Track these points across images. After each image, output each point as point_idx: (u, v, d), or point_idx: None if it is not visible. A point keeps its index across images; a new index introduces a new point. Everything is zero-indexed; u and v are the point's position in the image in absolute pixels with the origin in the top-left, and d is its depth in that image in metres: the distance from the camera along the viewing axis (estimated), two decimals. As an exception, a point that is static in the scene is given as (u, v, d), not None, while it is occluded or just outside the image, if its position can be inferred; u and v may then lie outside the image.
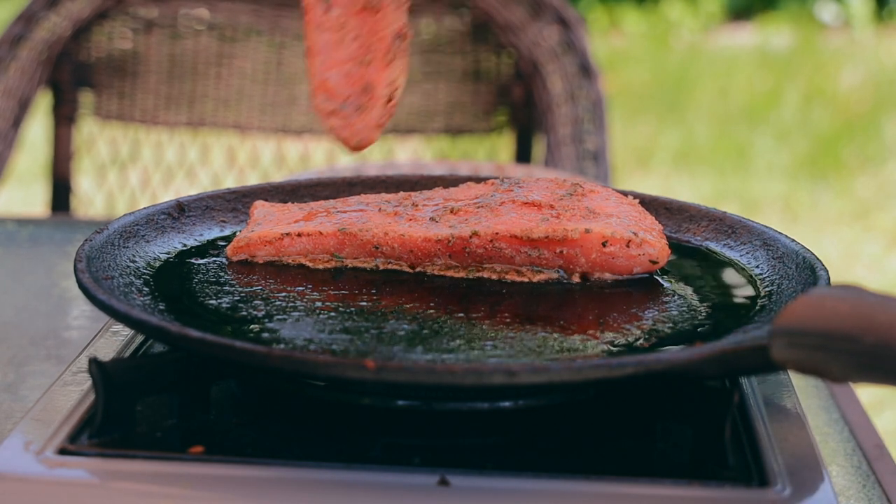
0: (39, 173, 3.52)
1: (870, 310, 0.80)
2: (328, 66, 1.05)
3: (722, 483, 0.84)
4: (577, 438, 0.91)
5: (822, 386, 1.25)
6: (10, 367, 1.23)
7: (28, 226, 1.72)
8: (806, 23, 7.02)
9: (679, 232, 1.19)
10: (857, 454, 1.13)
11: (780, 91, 5.94)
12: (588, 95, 2.23)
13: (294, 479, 0.83)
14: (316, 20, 1.05)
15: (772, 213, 4.60)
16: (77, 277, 0.98)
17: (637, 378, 0.86)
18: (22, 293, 1.45)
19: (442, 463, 0.85)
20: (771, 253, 1.11)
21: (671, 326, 0.99)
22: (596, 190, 1.15)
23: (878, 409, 3.11)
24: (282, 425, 0.92)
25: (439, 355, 0.91)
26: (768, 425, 0.91)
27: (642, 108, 5.71)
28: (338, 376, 0.86)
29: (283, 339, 0.95)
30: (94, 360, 0.88)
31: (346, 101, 1.05)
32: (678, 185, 4.87)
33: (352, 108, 1.05)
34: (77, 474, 0.84)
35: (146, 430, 0.90)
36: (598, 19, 7.03)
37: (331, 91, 1.05)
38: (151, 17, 2.31)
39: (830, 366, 0.81)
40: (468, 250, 1.07)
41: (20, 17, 2.26)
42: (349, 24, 1.04)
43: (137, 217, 1.12)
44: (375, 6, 1.04)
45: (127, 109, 2.33)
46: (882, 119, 5.55)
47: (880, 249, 4.34)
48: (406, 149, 2.54)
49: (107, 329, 1.04)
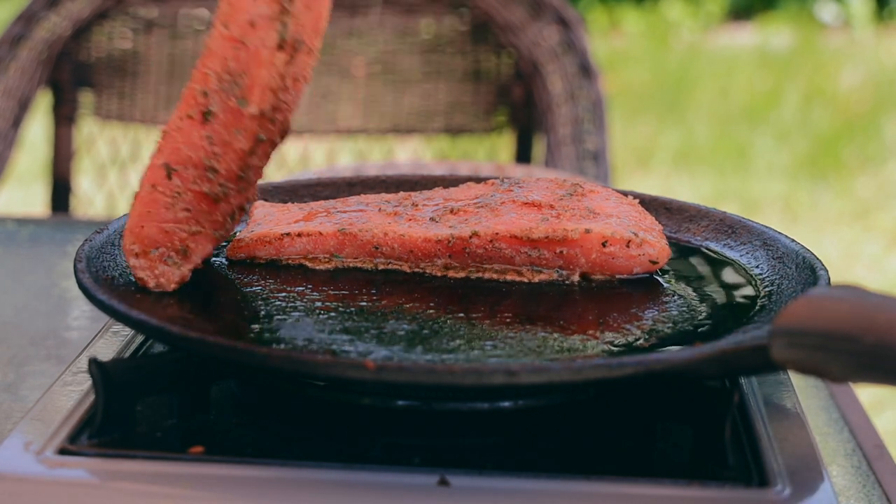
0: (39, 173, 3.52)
1: (870, 310, 0.80)
2: (149, 220, 1.00)
3: (722, 483, 0.84)
4: (577, 438, 0.91)
5: (822, 386, 1.25)
6: (10, 367, 1.23)
7: (28, 226, 1.72)
8: (806, 23, 7.02)
9: (679, 232, 1.19)
10: (857, 454, 1.13)
11: (780, 91, 5.94)
12: (588, 95, 2.23)
13: (294, 479, 0.83)
14: (153, 178, 0.99)
15: (772, 213, 4.60)
16: (77, 277, 0.98)
17: (637, 378, 0.86)
18: (22, 293, 1.45)
19: (442, 463, 0.85)
20: (771, 253, 1.11)
21: (671, 326, 0.99)
22: (596, 190, 1.15)
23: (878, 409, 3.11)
24: (282, 425, 0.92)
25: (439, 355, 0.91)
26: (768, 425, 0.91)
27: (642, 108, 5.72)
28: (338, 376, 0.86)
29: (283, 339, 0.95)
30: (94, 360, 0.88)
31: (156, 249, 1.01)
32: (678, 185, 4.87)
33: (160, 257, 1.01)
34: (77, 474, 0.84)
35: (146, 430, 0.90)
36: (598, 19, 7.03)
37: (144, 241, 1.00)
38: (151, 17, 2.31)
39: (830, 366, 0.81)
40: (468, 250, 1.07)
41: (20, 17, 2.26)
42: (185, 197, 1.00)
43: (137, 217, 1.12)
44: (218, 197, 1.00)
45: (127, 109, 2.33)
46: (882, 119, 5.55)
47: (880, 249, 4.34)
48: (406, 149, 2.54)
49: (107, 329, 1.04)
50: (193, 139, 0.98)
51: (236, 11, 0.97)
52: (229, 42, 0.97)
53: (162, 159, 0.99)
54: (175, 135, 0.99)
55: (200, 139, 0.98)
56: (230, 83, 0.97)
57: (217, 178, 0.99)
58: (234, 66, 0.97)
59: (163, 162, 0.99)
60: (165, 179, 0.99)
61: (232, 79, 0.97)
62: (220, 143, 0.99)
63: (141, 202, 1.00)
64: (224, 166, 0.99)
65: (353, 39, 2.31)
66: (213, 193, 1.00)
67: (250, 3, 0.96)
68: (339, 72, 2.33)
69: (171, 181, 0.99)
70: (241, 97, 0.97)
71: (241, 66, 0.97)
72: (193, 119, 0.98)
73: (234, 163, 0.99)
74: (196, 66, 0.99)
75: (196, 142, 0.98)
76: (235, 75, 0.97)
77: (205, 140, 0.98)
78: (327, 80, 2.33)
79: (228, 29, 0.97)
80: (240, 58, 0.97)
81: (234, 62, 0.97)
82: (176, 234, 1.00)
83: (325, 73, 2.33)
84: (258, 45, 0.96)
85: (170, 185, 0.99)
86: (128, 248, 1.01)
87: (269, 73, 0.97)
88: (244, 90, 0.97)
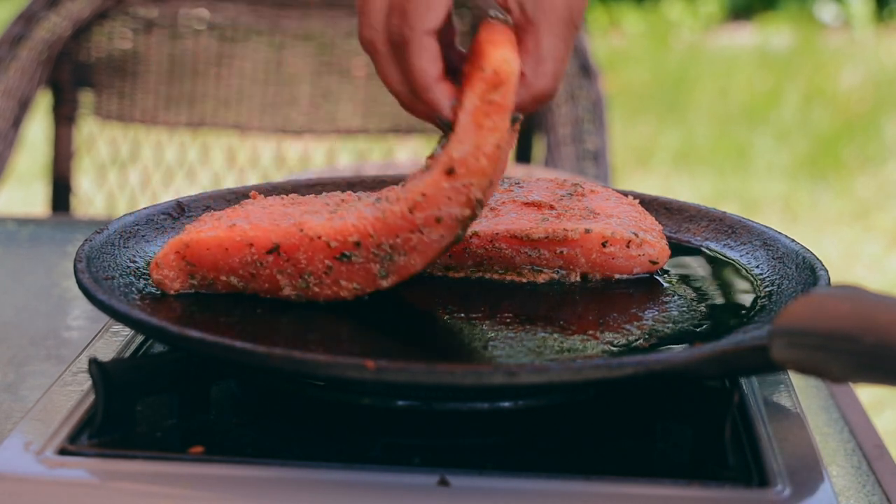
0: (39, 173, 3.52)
1: (870, 310, 0.80)
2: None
3: (722, 483, 0.84)
4: (577, 438, 0.91)
5: (822, 386, 1.25)
6: (10, 367, 1.23)
7: (28, 226, 1.72)
8: (806, 23, 7.02)
9: (679, 232, 1.19)
10: (857, 454, 1.13)
11: (780, 91, 5.94)
12: (588, 95, 2.23)
13: (294, 479, 0.83)
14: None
15: (772, 213, 4.60)
16: (77, 277, 0.98)
17: (637, 378, 0.86)
18: (22, 293, 1.45)
19: (442, 463, 0.85)
20: (771, 253, 1.11)
21: (671, 326, 0.99)
22: (596, 190, 1.15)
23: (878, 409, 3.11)
24: (282, 425, 0.92)
25: (439, 355, 0.91)
26: (768, 425, 0.91)
27: (642, 108, 5.71)
28: (338, 376, 0.86)
29: (282, 338, 0.95)
30: (94, 360, 0.88)
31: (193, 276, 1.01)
32: (678, 185, 4.87)
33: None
34: (77, 474, 0.84)
35: (146, 430, 0.90)
36: (598, 19, 7.03)
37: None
38: (151, 17, 2.31)
39: (830, 366, 0.81)
40: (468, 250, 1.07)
41: (20, 17, 2.26)
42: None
43: (137, 217, 1.12)
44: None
45: (127, 109, 2.33)
46: (882, 119, 5.55)
47: (880, 249, 4.34)
48: (406, 149, 2.54)
49: (107, 329, 1.04)
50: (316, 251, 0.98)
51: (429, 203, 0.96)
52: (407, 224, 0.96)
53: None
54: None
55: (322, 259, 0.98)
56: (386, 255, 0.97)
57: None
58: (400, 245, 0.97)
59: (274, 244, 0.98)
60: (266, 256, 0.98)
61: (390, 254, 0.97)
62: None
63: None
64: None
65: (353, 39, 2.31)
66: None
67: (444, 201, 0.95)
68: (340, 72, 2.33)
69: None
70: (387, 271, 0.98)
71: (407, 249, 0.97)
72: (332, 250, 0.98)
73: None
74: (361, 216, 0.98)
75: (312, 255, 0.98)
76: (396, 251, 0.97)
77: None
78: (327, 80, 2.33)
79: (413, 214, 0.96)
80: (411, 242, 0.97)
81: (403, 243, 0.97)
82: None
83: (325, 73, 2.33)
84: (435, 240, 0.97)
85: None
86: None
87: (425, 262, 0.98)
88: (394, 265, 0.98)
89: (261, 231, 0.99)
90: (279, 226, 0.99)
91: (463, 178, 0.94)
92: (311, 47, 2.33)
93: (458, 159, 0.94)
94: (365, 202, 1.00)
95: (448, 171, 0.94)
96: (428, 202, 0.95)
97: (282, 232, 0.99)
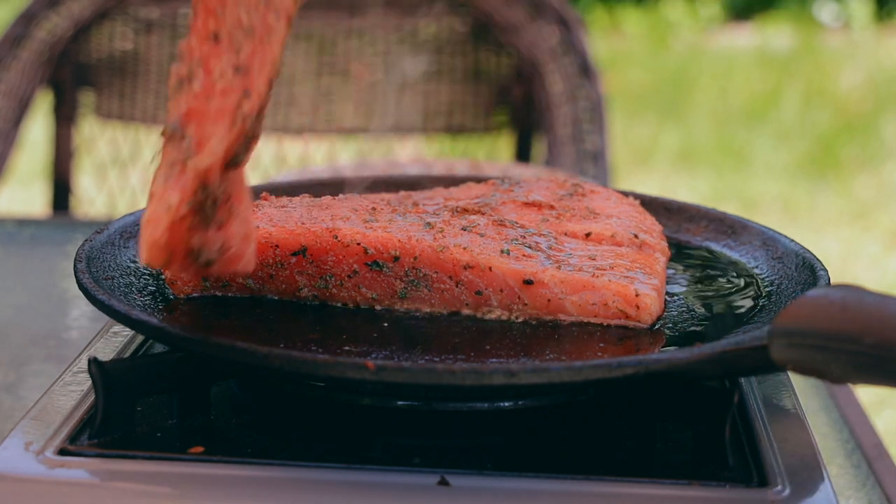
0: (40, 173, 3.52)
1: (870, 310, 0.80)
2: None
3: (722, 483, 0.84)
4: (577, 438, 0.91)
5: (822, 386, 1.25)
6: (10, 367, 1.23)
7: (28, 226, 1.72)
8: (806, 23, 7.02)
9: (679, 232, 1.19)
10: (856, 454, 1.13)
11: (780, 91, 5.94)
12: (588, 95, 2.23)
13: (294, 479, 0.83)
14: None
15: (771, 213, 4.60)
16: (77, 277, 0.98)
17: (637, 378, 0.86)
18: (22, 293, 1.46)
19: (442, 463, 0.85)
20: (771, 253, 1.11)
21: (671, 326, 0.99)
22: (596, 190, 1.15)
23: (878, 409, 3.11)
24: (282, 425, 0.92)
25: (439, 356, 0.91)
26: (768, 425, 0.91)
27: (642, 108, 5.72)
28: (338, 376, 0.86)
29: (283, 338, 0.95)
30: (93, 360, 0.88)
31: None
32: (678, 185, 4.87)
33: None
34: (77, 474, 0.84)
35: (146, 430, 0.90)
36: (598, 19, 7.03)
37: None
38: (152, 17, 2.31)
39: (830, 366, 0.81)
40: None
41: (21, 18, 2.26)
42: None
43: (138, 217, 1.12)
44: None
45: (127, 109, 2.33)
46: (882, 119, 5.55)
47: (880, 249, 4.34)
48: (406, 149, 2.54)
49: (107, 329, 1.04)
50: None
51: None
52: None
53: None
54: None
55: (352, 264, 0.99)
56: (415, 280, 1.00)
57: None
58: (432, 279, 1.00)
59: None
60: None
61: (418, 280, 1.00)
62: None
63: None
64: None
65: (353, 39, 2.31)
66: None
67: None
68: (340, 72, 2.33)
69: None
70: (406, 293, 1.00)
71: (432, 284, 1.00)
72: (367, 256, 0.99)
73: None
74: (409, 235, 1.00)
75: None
76: (424, 282, 1.00)
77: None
78: (328, 80, 2.33)
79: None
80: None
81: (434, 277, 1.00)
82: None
83: (326, 73, 2.33)
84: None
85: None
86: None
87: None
88: (416, 293, 1.00)
89: (287, 233, 1.00)
90: (308, 229, 1.00)
91: None
92: (311, 47, 2.33)
93: None
94: (411, 221, 1.02)
95: None
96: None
97: (311, 235, 1.00)
